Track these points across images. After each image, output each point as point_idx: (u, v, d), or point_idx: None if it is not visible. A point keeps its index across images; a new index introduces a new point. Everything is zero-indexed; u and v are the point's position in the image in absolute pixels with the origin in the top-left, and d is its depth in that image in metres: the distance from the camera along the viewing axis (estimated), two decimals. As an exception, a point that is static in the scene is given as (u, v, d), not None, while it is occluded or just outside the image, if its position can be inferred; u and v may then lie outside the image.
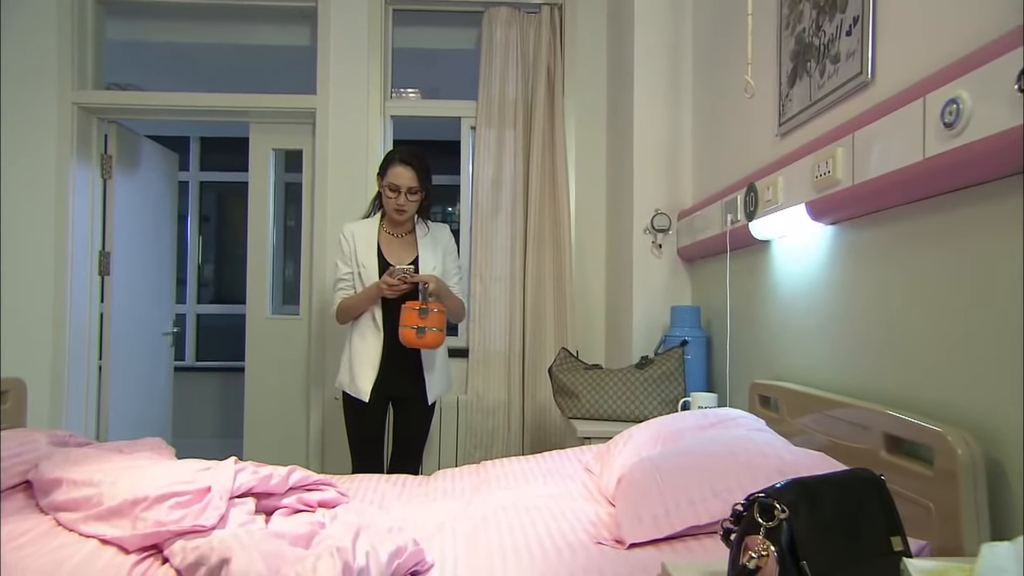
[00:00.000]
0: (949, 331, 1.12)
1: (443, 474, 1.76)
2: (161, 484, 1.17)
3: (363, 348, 2.30)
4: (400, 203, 2.25)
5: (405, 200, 2.25)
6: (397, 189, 2.24)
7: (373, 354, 2.28)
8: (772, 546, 0.78)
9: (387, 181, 2.25)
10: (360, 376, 2.28)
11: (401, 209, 2.26)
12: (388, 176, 2.25)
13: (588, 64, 3.17)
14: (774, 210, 1.68)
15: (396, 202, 2.25)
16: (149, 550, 1.09)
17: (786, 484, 0.83)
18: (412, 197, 2.26)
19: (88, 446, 1.61)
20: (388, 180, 2.25)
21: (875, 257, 1.35)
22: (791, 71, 1.71)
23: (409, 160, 2.25)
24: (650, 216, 2.53)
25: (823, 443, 1.40)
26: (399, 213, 2.27)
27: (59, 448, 1.50)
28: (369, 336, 2.30)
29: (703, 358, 2.26)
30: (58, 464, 1.35)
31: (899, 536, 0.88)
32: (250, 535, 1.04)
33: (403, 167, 2.24)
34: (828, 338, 1.53)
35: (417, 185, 2.25)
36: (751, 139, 1.99)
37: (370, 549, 1.01)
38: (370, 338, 2.30)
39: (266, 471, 1.30)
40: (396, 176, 2.24)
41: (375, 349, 2.29)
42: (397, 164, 2.25)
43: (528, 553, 1.15)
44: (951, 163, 1.03)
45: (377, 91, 3.18)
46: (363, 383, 2.27)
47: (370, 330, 2.30)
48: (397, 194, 2.24)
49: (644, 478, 1.26)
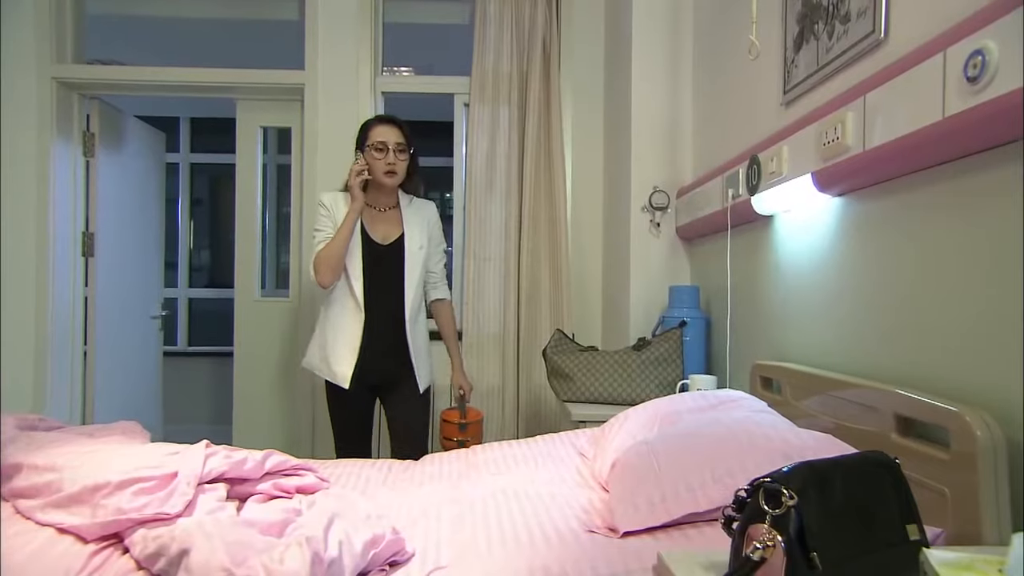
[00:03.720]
0: (967, 305, 1.04)
1: (431, 458, 1.69)
2: (125, 469, 1.10)
3: (341, 327, 2.13)
4: (390, 161, 2.10)
5: (395, 158, 2.11)
6: (384, 147, 2.10)
7: (352, 335, 2.12)
8: (779, 536, 0.70)
9: (372, 141, 2.11)
10: (337, 359, 2.12)
11: (392, 169, 2.11)
12: (372, 136, 2.12)
13: (585, 36, 3.07)
14: (778, 182, 1.59)
15: (386, 161, 2.10)
16: (109, 539, 1.02)
17: (793, 468, 0.76)
18: (401, 156, 2.13)
19: (58, 430, 1.54)
20: (373, 140, 2.11)
21: (886, 229, 1.27)
22: (797, 35, 1.62)
23: (390, 118, 2.16)
24: (648, 194, 2.45)
25: (829, 426, 1.33)
26: (390, 175, 2.11)
27: (25, 432, 1.43)
28: (349, 314, 2.13)
29: (702, 339, 2.19)
30: (21, 448, 1.27)
31: (915, 524, 0.81)
32: (216, 523, 0.97)
33: (385, 125, 2.13)
34: (835, 316, 1.45)
35: (404, 141, 2.13)
36: (754, 109, 1.90)
37: (344, 538, 0.94)
38: (349, 316, 2.13)
39: (240, 455, 1.23)
40: (381, 134, 2.11)
41: (355, 329, 2.12)
42: (377, 124, 2.14)
43: (515, 541, 1.08)
44: (974, 121, 0.95)
45: (367, 67, 3.09)
46: (341, 367, 2.11)
47: (349, 307, 2.13)
48: (385, 152, 2.10)
49: (639, 462, 1.19)
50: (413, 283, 2.18)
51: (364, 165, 2.11)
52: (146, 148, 3.62)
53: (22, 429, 1.46)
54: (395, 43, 3.34)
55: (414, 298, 2.19)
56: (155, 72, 3.13)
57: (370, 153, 2.12)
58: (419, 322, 2.25)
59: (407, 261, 2.18)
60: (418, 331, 2.23)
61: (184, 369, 4.78)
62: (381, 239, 2.17)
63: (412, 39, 3.63)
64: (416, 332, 2.21)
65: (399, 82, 3.23)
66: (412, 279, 2.18)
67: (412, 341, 2.18)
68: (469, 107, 3.00)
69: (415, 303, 2.20)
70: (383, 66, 3.20)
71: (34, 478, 1.16)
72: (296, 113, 3.17)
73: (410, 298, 2.17)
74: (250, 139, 3.29)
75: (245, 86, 3.15)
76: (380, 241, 2.17)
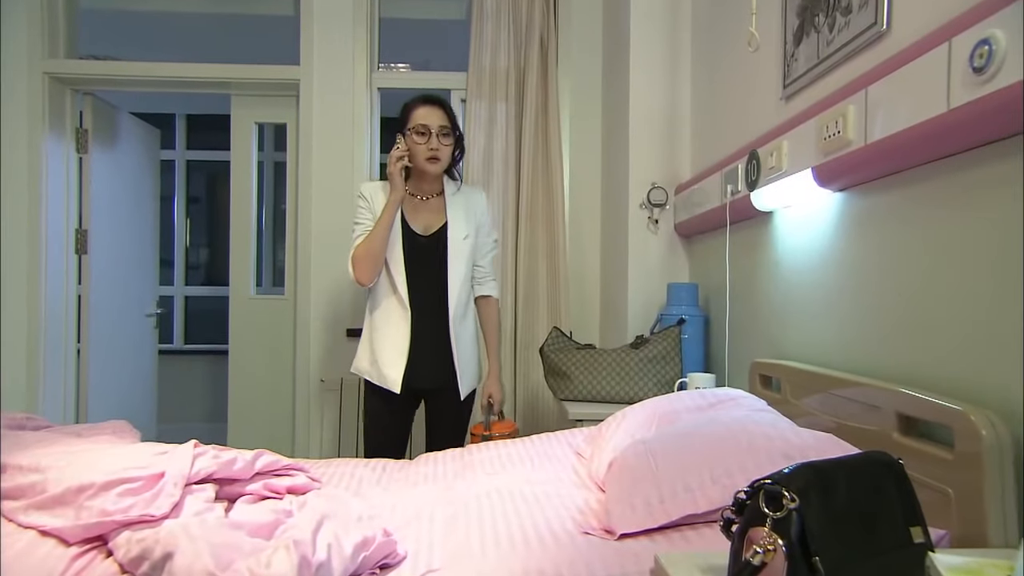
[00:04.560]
0: (972, 301, 1.02)
1: (425, 458, 1.66)
2: (111, 470, 1.07)
3: (388, 330, 1.98)
4: (433, 146, 1.95)
5: (438, 143, 1.96)
6: (427, 130, 1.95)
7: (400, 338, 1.97)
8: (780, 539, 0.68)
9: (413, 124, 1.96)
10: (387, 363, 1.97)
11: (435, 156, 1.96)
12: (413, 119, 1.97)
13: (583, 32, 3.04)
14: (777, 178, 1.57)
15: (429, 146, 1.95)
16: (93, 542, 0.99)
17: (795, 469, 0.74)
18: (445, 140, 1.97)
19: (46, 429, 1.52)
20: (414, 123, 1.96)
21: (888, 224, 1.25)
22: (797, 28, 1.59)
23: (433, 99, 2.01)
24: (646, 190, 2.43)
25: (829, 425, 1.31)
26: (433, 161, 1.96)
27: (12, 432, 1.40)
28: (395, 316, 1.98)
29: (701, 337, 2.17)
30: (6, 449, 1.25)
31: (919, 526, 0.79)
32: (202, 525, 0.95)
33: (429, 106, 1.98)
34: (836, 313, 1.43)
35: (448, 124, 1.98)
36: (753, 104, 1.87)
37: (333, 541, 0.92)
38: (396, 318, 1.98)
39: (229, 455, 1.20)
40: (423, 116, 1.96)
41: (403, 332, 1.97)
42: (421, 105, 1.99)
43: (510, 543, 1.06)
44: (980, 112, 0.92)
45: (363, 62, 3.05)
46: (392, 371, 1.96)
47: (395, 308, 1.98)
48: (428, 137, 1.95)
49: (637, 462, 1.17)
50: (458, 277, 2.02)
51: (404, 150, 1.96)
52: (141, 144, 3.59)
53: (9, 428, 1.44)
54: (392, 39, 3.31)
55: (459, 294, 2.02)
56: (148, 67, 3.10)
57: (411, 137, 1.97)
58: (467, 321, 2.09)
59: (450, 253, 2.01)
60: (465, 331, 2.06)
61: (180, 367, 4.76)
62: (422, 230, 2.03)
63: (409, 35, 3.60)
64: (462, 332, 2.05)
65: (395, 78, 3.20)
66: (456, 273, 2.02)
67: (456, 343, 2.02)
68: (466, 103, 2.98)
69: (461, 299, 2.04)
70: (379, 63, 3.17)
71: (18, 479, 1.14)
72: (291, 109, 3.14)
73: (455, 294, 2.01)
74: (245, 135, 3.26)
75: (239, 81, 3.12)
76: (421, 232, 2.02)
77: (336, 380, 2.97)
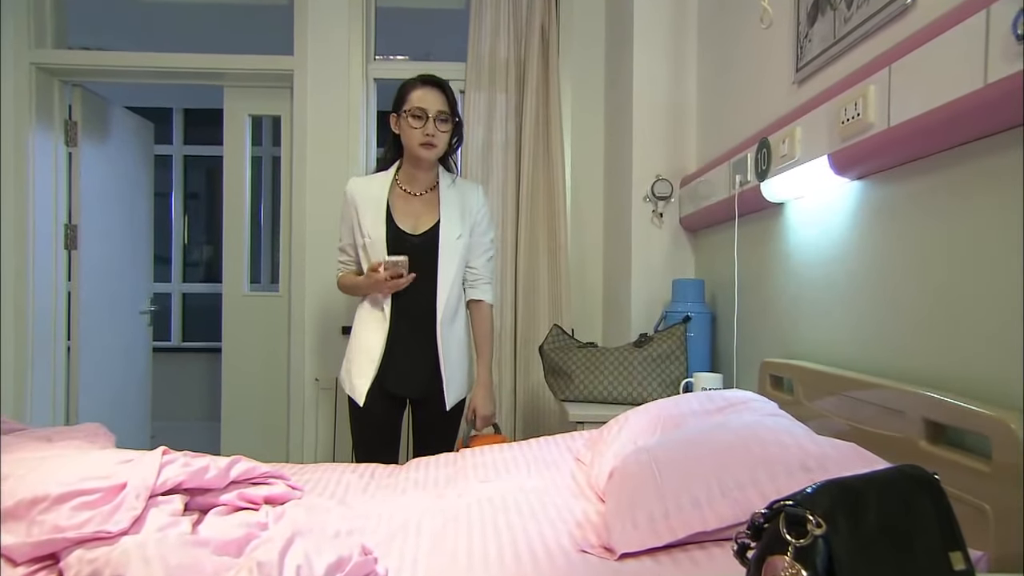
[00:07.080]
0: (1006, 296, 0.93)
1: (416, 463, 1.58)
2: (68, 480, 0.99)
3: (363, 336, 1.88)
4: (429, 132, 1.81)
5: (435, 129, 1.82)
6: (423, 114, 1.81)
7: (374, 345, 1.86)
8: (804, 570, 0.59)
9: (409, 107, 1.83)
10: (357, 372, 1.87)
11: (430, 142, 1.82)
12: (410, 101, 1.84)
13: (584, 19, 2.94)
14: (790, 166, 1.48)
15: (424, 131, 1.81)
16: (43, 561, 0.91)
17: (820, 488, 0.65)
18: (443, 127, 1.84)
19: (17, 432, 1.43)
20: (411, 106, 1.83)
21: (912, 213, 1.15)
22: (811, 7, 1.49)
23: (433, 81, 1.87)
24: (650, 183, 2.33)
25: (845, 430, 1.21)
26: (427, 148, 1.83)
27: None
28: (371, 322, 1.88)
29: (707, 335, 2.07)
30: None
31: (959, 551, 0.69)
32: (161, 544, 0.86)
33: (428, 88, 1.85)
34: (853, 310, 1.34)
35: (447, 110, 1.84)
36: (763, 89, 1.78)
37: (303, 562, 0.83)
38: (372, 325, 1.87)
39: (201, 463, 1.12)
40: (420, 99, 1.83)
41: (377, 339, 1.86)
42: (419, 86, 1.85)
43: (499, 560, 0.97)
44: (1023, 85, 0.83)
45: (359, 52, 2.96)
46: (360, 381, 1.86)
47: (372, 314, 1.88)
48: (424, 121, 1.81)
49: (640, 472, 1.08)
50: (448, 279, 1.89)
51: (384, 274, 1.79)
52: (133, 138, 3.51)
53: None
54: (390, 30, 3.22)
55: (448, 296, 1.89)
56: (138, 58, 3.01)
57: (406, 120, 1.84)
58: (456, 325, 1.96)
59: (441, 254, 1.88)
60: (453, 335, 1.93)
61: (177, 365, 4.69)
62: (411, 228, 1.89)
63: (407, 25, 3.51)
64: (450, 338, 1.91)
65: (392, 68, 3.10)
66: (447, 275, 1.89)
67: (443, 349, 1.89)
68: (465, 94, 2.88)
69: (450, 302, 1.90)
70: (376, 54, 3.08)
71: (-28, 489, 1.05)
72: (286, 101, 3.05)
73: (443, 297, 1.88)
74: (238, 128, 3.18)
75: (232, 72, 3.03)
76: (410, 231, 1.89)
77: (331, 379, 2.89)
